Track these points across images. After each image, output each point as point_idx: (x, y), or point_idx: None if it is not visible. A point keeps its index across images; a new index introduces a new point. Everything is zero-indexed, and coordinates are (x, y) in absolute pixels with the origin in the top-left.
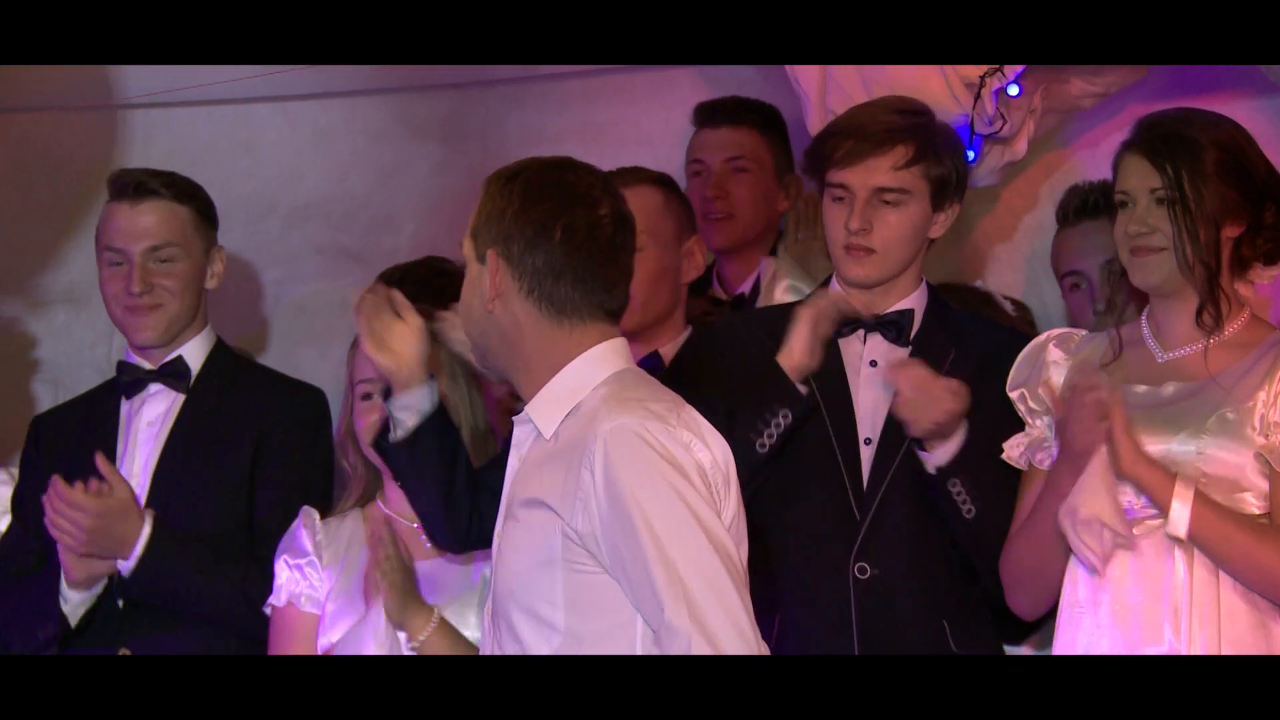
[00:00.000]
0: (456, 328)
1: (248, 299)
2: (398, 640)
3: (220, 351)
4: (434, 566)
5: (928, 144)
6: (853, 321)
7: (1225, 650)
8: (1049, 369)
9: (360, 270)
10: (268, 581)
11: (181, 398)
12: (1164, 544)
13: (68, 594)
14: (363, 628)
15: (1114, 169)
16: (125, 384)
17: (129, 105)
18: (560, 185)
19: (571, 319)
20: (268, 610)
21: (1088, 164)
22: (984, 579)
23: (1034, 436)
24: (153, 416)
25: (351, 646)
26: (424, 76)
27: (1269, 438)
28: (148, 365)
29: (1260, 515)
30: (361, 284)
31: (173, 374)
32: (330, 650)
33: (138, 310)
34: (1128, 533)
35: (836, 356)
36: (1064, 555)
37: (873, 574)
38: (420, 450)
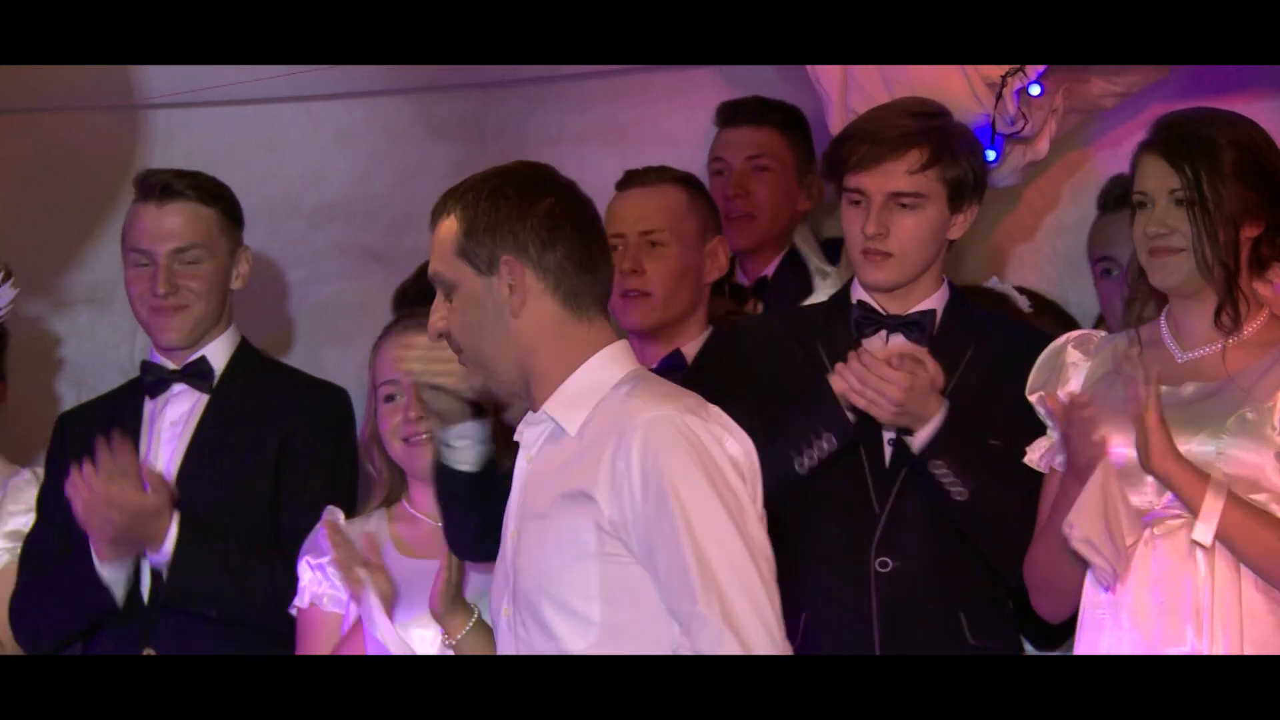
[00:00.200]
0: (410, 360)
1: (271, 298)
2: (401, 639)
3: (244, 352)
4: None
5: (943, 147)
6: (875, 321)
7: (1248, 651)
8: (1068, 370)
9: (382, 270)
10: (292, 581)
11: (205, 398)
12: (1185, 544)
13: (102, 571)
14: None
15: (1132, 169)
16: (149, 384)
17: (152, 105)
18: (538, 179)
19: (588, 312)
20: (293, 612)
21: (1110, 164)
22: (996, 567)
23: (1054, 440)
24: (176, 416)
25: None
26: (446, 76)
27: None
28: (172, 365)
29: None
30: (383, 283)
31: (197, 374)
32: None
33: (162, 311)
34: (1116, 559)
35: None
36: (1084, 560)
37: (894, 567)
38: (481, 483)
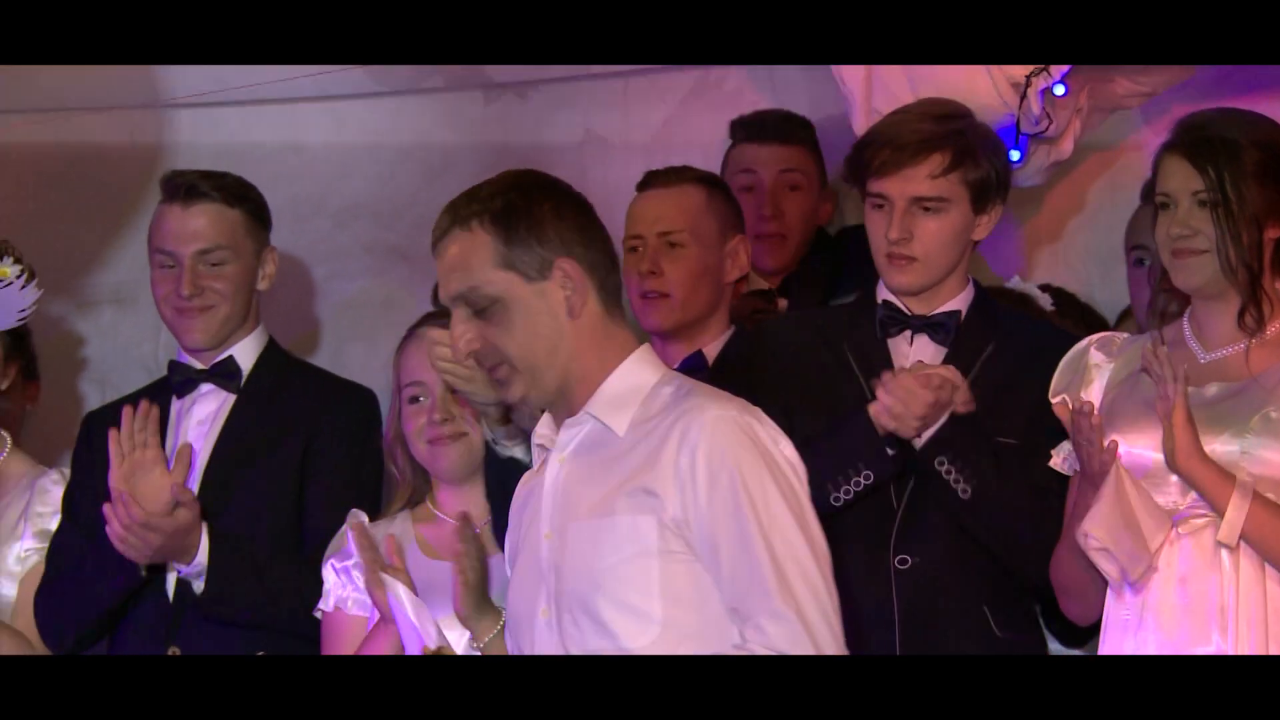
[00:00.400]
0: (440, 357)
1: (297, 297)
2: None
3: (271, 352)
4: (494, 563)
5: (965, 150)
6: (900, 322)
7: (1273, 650)
8: (1090, 373)
9: (406, 268)
10: (318, 582)
11: (232, 398)
12: (1210, 543)
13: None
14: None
15: (1154, 170)
16: (177, 383)
17: (177, 105)
18: (548, 181)
19: (619, 312)
20: (318, 614)
21: (1135, 165)
22: (1005, 563)
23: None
24: (203, 416)
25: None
26: (471, 77)
27: None
28: (199, 365)
29: None
30: (408, 281)
31: (224, 374)
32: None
33: (187, 313)
34: (1133, 563)
35: (885, 356)
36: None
37: (914, 564)
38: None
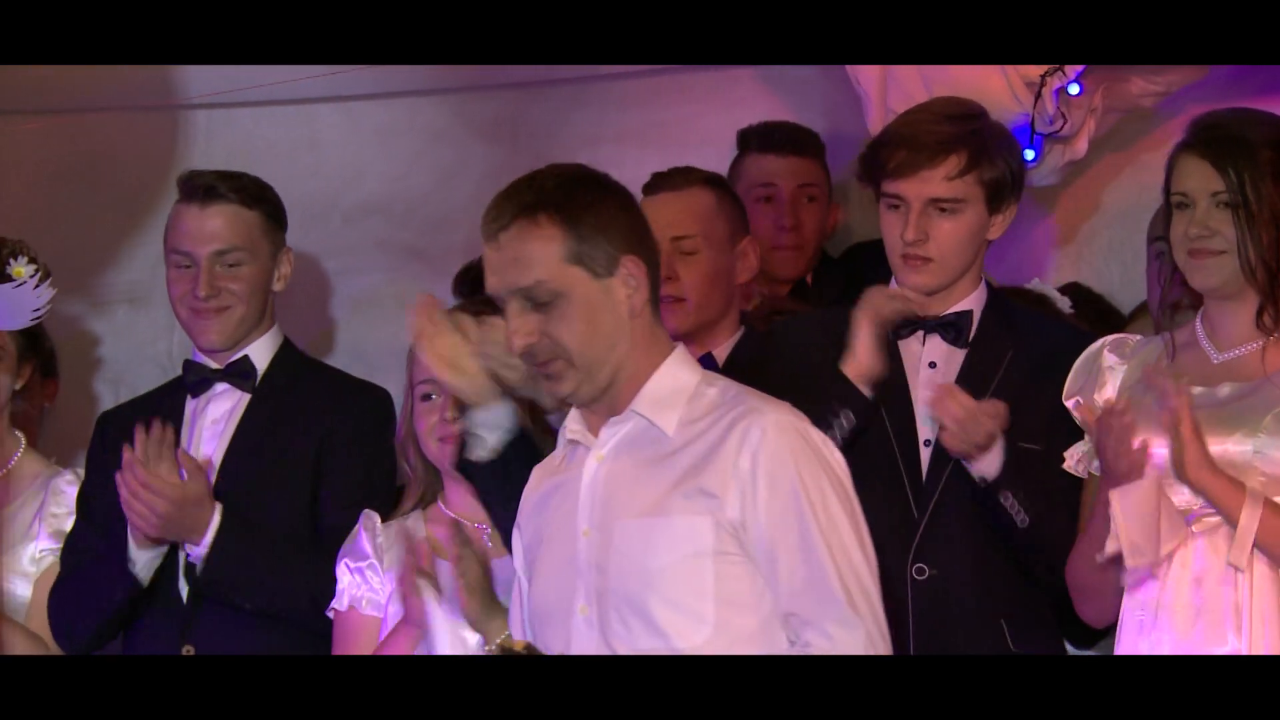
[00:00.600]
0: (492, 342)
1: (311, 296)
2: (462, 640)
3: (286, 352)
4: (498, 566)
5: (981, 150)
6: (912, 323)
7: None
8: (1104, 374)
9: (420, 265)
10: (330, 579)
11: (247, 397)
12: (1224, 543)
13: (135, 555)
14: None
15: (1169, 169)
16: (192, 383)
17: (192, 105)
18: (601, 176)
19: (658, 311)
20: (330, 615)
21: (1150, 166)
22: (1042, 582)
23: (1091, 445)
24: (218, 415)
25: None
26: (485, 77)
27: None
28: (214, 365)
29: None
30: (423, 280)
31: (239, 373)
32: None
33: (203, 313)
34: (1136, 555)
35: (896, 358)
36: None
37: (930, 575)
38: (506, 469)
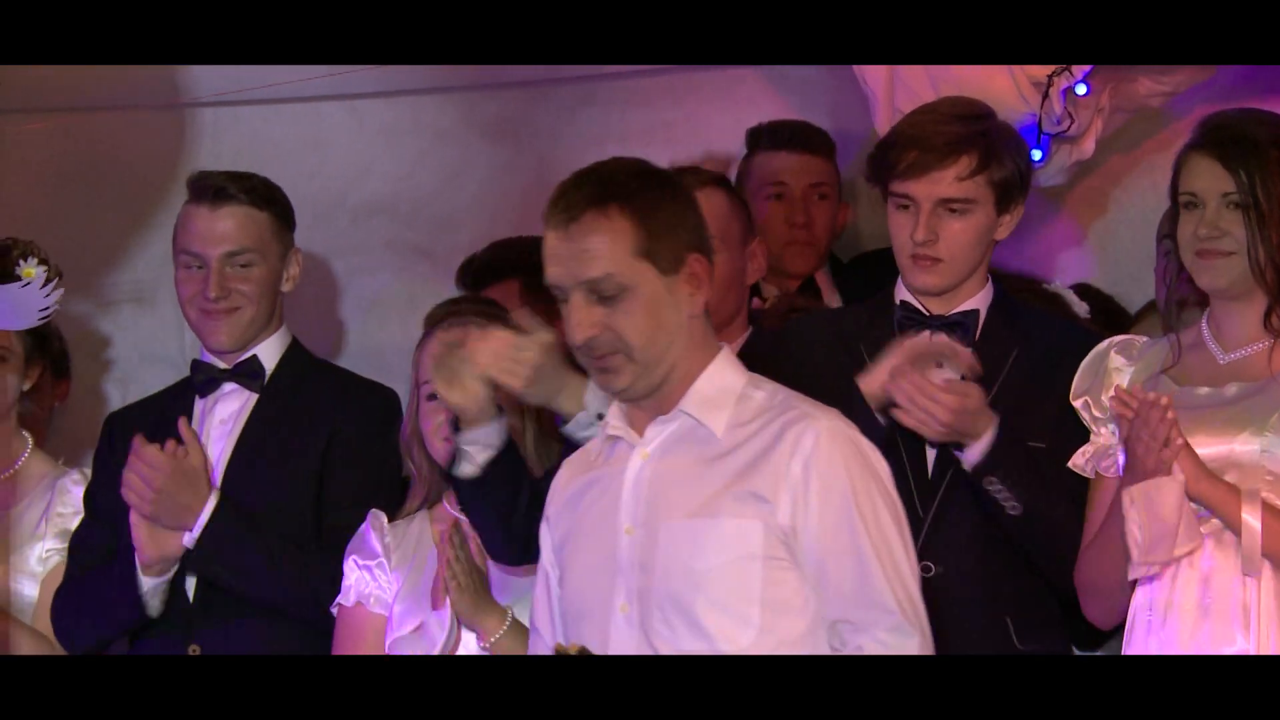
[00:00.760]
0: (485, 351)
1: (317, 295)
2: (456, 639)
3: (294, 352)
4: (501, 567)
5: (990, 151)
6: (919, 322)
7: None
8: (1111, 376)
9: (427, 264)
10: (331, 575)
11: (255, 397)
12: (1230, 542)
13: (142, 580)
14: (427, 628)
15: (1177, 169)
16: (200, 383)
17: (198, 104)
18: (666, 172)
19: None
20: (334, 610)
21: (1157, 166)
22: (1048, 577)
23: (1099, 445)
24: (226, 415)
25: (412, 646)
26: (490, 76)
27: None
28: (222, 365)
29: None
30: (429, 278)
31: (247, 373)
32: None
33: (214, 314)
34: (1153, 551)
35: None
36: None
37: (936, 572)
38: (489, 486)
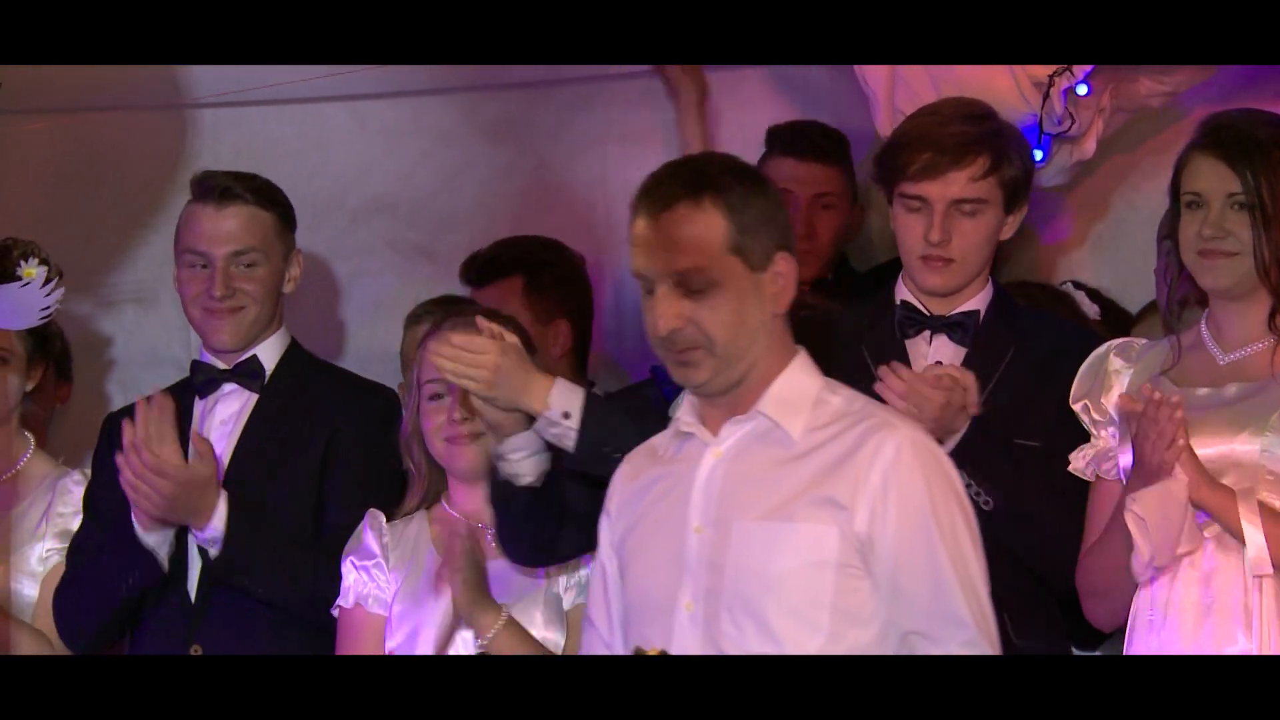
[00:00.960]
0: (442, 355)
1: (318, 295)
2: (455, 638)
3: (294, 353)
4: (500, 566)
5: (1001, 151)
6: (919, 322)
7: None
8: (1111, 378)
9: (428, 265)
10: (333, 575)
11: (255, 397)
12: (1232, 543)
13: (145, 539)
14: (423, 626)
15: (1179, 169)
16: (200, 383)
17: (198, 105)
18: (754, 169)
19: None
20: (335, 612)
21: (1158, 167)
22: (1037, 573)
23: (1099, 448)
24: (226, 415)
25: (410, 645)
26: (492, 76)
27: None
28: (222, 365)
29: None
30: (430, 279)
31: (247, 374)
32: (395, 650)
33: (217, 313)
34: (1161, 553)
35: (903, 357)
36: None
37: None
38: (543, 492)
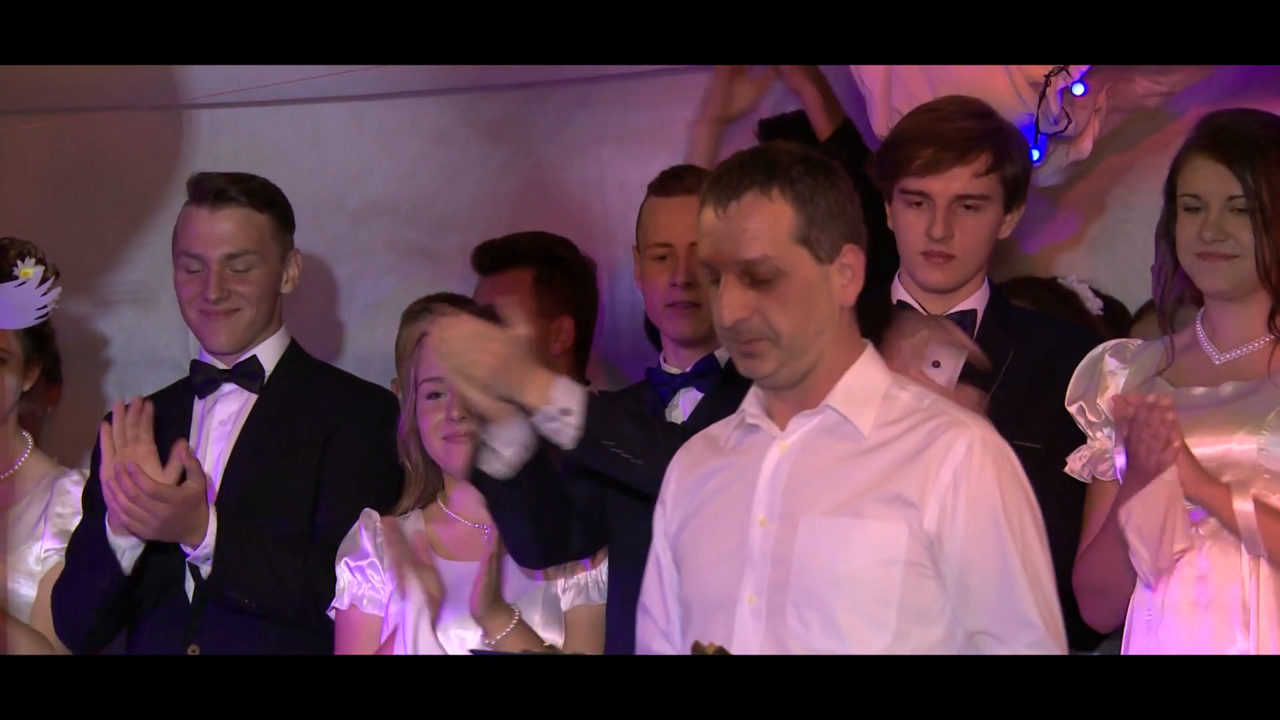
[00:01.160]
0: (447, 340)
1: (318, 295)
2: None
3: (294, 353)
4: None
5: (1003, 148)
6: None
7: None
8: (1106, 379)
9: (430, 265)
10: (327, 574)
11: (254, 398)
12: (1229, 541)
13: (115, 543)
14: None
15: (1176, 170)
16: (199, 383)
17: (196, 105)
18: (828, 160)
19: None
20: (331, 614)
21: (1154, 167)
22: None
23: (1095, 449)
24: (225, 416)
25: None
26: (490, 77)
27: None
28: (221, 365)
29: None
30: (430, 279)
31: (246, 374)
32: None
33: (213, 316)
34: (1154, 564)
35: None
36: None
37: None
38: (521, 487)
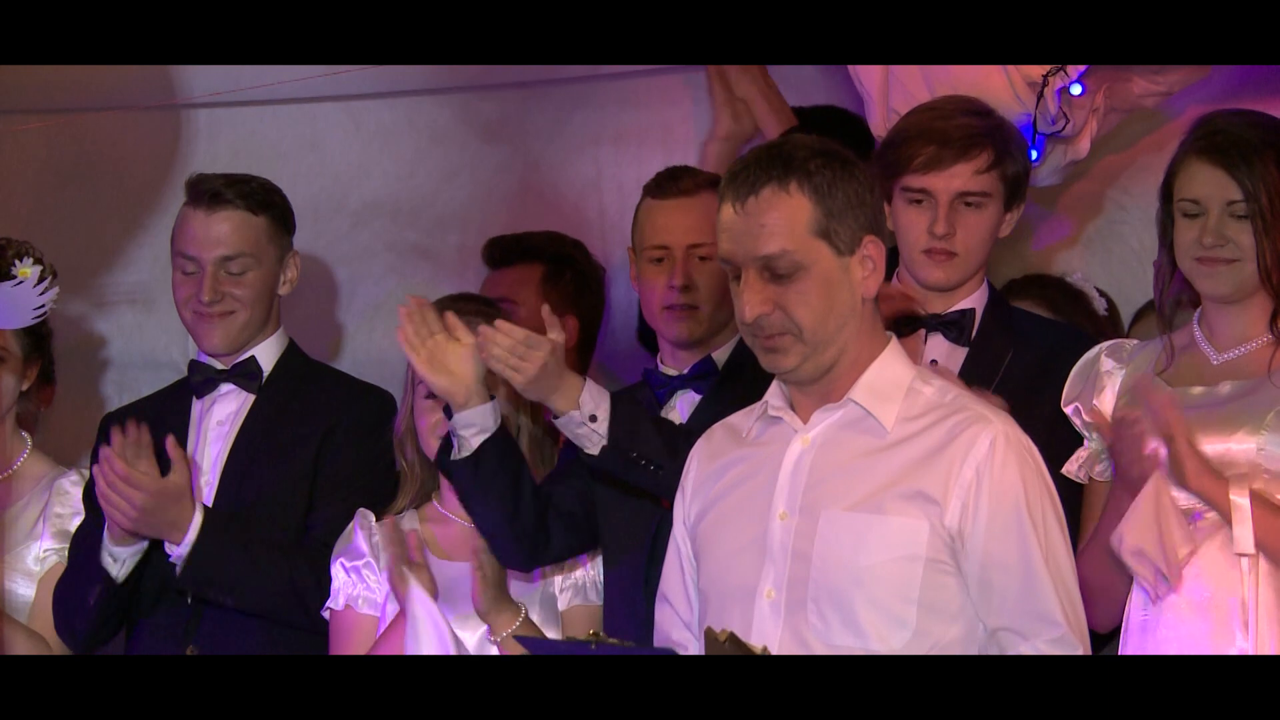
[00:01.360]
0: (498, 344)
1: (317, 295)
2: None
3: (291, 354)
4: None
5: (1004, 147)
6: (914, 321)
7: None
8: (1102, 379)
9: (429, 266)
10: (317, 576)
11: (252, 398)
12: (1228, 540)
13: (112, 551)
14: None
15: (1173, 173)
16: (197, 383)
17: (194, 105)
18: (847, 153)
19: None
20: (326, 614)
21: (1152, 167)
22: None
23: (1092, 450)
24: (223, 416)
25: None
26: (487, 76)
27: None
28: (219, 365)
29: None
30: (430, 279)
31: (244, 374)
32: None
33: (207, 317)
34: (1168, 568)
35: None
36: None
37: None
38: (484, 469)
